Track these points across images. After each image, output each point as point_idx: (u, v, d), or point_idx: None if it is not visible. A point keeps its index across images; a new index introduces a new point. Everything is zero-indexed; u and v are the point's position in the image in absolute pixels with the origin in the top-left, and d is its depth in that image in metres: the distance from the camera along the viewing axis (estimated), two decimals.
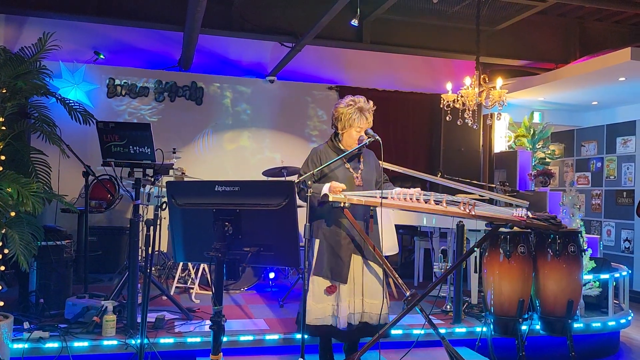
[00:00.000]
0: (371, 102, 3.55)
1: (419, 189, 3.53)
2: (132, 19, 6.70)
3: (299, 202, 2.49)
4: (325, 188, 3.35)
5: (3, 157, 3.60)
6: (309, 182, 3.36)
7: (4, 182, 3.34)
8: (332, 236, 3.45)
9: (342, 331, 3.42)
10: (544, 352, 4.42)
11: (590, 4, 6.59)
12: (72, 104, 4.32)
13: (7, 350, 3.40)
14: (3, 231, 3.42)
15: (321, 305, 3.42)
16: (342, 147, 3.55)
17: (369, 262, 3.49)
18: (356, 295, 3.44)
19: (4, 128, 3.62)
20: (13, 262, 3.39)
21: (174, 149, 6.02)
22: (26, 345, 3.58)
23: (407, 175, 5.35)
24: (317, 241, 3.46)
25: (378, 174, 3.67)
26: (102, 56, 6.93)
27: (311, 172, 3.44)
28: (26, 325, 3.81)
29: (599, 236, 6.37)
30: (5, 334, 3.37)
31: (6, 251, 3.40)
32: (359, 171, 3.57)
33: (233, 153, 7.54)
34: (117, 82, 7.12)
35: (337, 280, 3.41)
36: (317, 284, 3.43)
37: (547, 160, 7.78)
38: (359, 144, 3.51)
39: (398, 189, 3.51)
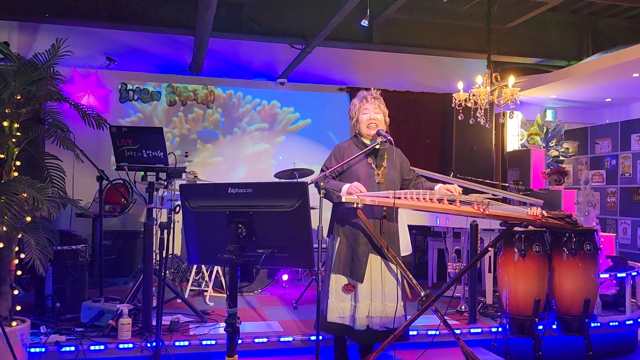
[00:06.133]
0: (373, 89, 3.65)
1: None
2: (144, 24, 6.75)
3: (313, 203, 2.49)
4: (345, 188, 3.35)
5: (19, 163, 3.64)
6: (322, 184, 3.36)
7: (19, 187, 3.37)
8: (351, 235, 3.46)
9: (358, 332, 3.41)
10: (561, 351, 4.37)
11: None
12: (86, 109, 4.35)
13: (25, 354, 3.43)
14: (19, 236, 3.45)
15: (342, 304, 3.42)
16: (364, 140, 3.61)
17: (389, 263, 3.48)
18: (375, 297, 3.42)
19: (19, 134, 3.65)
20: (29, 267, 3.42)
21: (186, 152, 6.05)
22: (43, 349, 3.62)
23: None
24: (338, 239, 3.48)
25: (405, 173, 3.68)
26: (114, 61, 6.98)
27: (324, 173, 3.45)
28: (43, 329, 3.84)
29: (614, 234, 6.29)
30: (23, 338, 3.40)
31: (23, 256, 3.43)
32: (382, 168, 3.57)
33: (246, 156, 7.56)
34: (129, 87, 7.16)
35: (353, 279, 3.42)
36: (336, 282, 3.44)
37: (561, 158, 7.71)
38: (371, 143, 3.52)
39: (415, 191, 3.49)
